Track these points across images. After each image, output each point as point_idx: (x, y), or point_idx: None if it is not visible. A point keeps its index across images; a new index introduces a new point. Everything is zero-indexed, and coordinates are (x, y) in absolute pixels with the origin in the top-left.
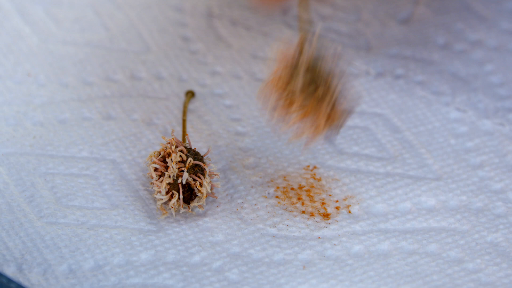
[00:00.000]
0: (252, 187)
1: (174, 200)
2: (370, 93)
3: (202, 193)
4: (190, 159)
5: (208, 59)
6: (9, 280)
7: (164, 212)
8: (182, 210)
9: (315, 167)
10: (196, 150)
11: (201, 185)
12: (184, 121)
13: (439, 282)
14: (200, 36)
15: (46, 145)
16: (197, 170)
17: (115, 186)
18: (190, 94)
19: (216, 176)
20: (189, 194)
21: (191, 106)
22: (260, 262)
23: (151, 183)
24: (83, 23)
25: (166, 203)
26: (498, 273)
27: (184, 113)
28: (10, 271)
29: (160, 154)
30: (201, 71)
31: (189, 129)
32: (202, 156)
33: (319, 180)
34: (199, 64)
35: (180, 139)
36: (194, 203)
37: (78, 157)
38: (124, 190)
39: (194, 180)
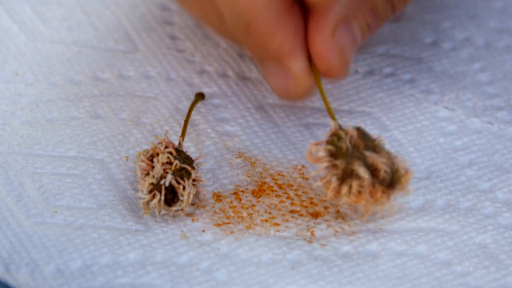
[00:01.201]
0: (240, 186)
1: (155, 201)
2: (358, 91)
3: (184, 196)
4: (176, 161)
5: (196, 57)
6: None
7: (146, 211)
8: (162, 212)
9: (303, 166)
10: (188, 153)
11: (184, 189)
12: (186, 123)
13: (428, 285)
14: (188, 34)
15: (33, 144)
16: (184, 173)
17: (103, 186)
18: (200, 96)
19: (203, 182)
20: (171, 197)
21: (179, 105)
22: (248, 262)
23: (138, 181)
24: (71, 22)
25: (148, 202)
26: (486, 276)
27: (188, 115)
28: None
29: (149, 153)
30: (189, 70)
31: (177, 128)
32: (192, 160)
33: (308, 179)
34: (187, 62)
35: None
36: (175, 207)
37: (65, 156)
38: (112, 189)
39: (178, 183)
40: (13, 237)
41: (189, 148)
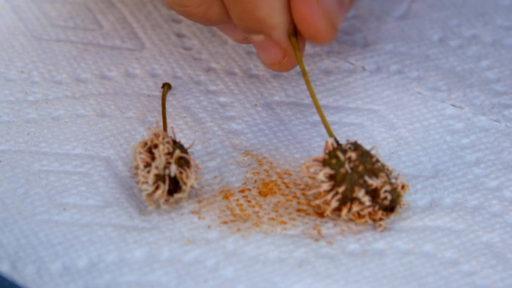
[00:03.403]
0: (246, 184)
1: (159, 192)
2: (365, 89)
3: (186, 185)
4: (177, 151)
5: (203, 55)
6: (2, 278)
7: (151, 202)
8: (162, 201)
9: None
10: (181, 143)
11: (186, 177)
12: (164, 113)
13: (434, 284)
14: (195, 32)
15: (40, 142)
16: (183, 162)
17: (109, 183)
18: (167, 87)
19: (200, 170)
20: (174, 186)
21: (184, 103)
22: (255, 259)
23: (135, 174)
24: (77, 20)
25: (151, 194)
26: (493, 276)
27: (163, 105)
28: (3, 269)
29: (147, 145)
30: (196, 67)
31: (183, 125)
32: (186, 149)
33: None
34: (193, 60)
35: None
36: (178, 195)
37: (72, 154)
38: (118, 187)
39: (180, 172)
40: (20, 234)
41: (196, 146)
